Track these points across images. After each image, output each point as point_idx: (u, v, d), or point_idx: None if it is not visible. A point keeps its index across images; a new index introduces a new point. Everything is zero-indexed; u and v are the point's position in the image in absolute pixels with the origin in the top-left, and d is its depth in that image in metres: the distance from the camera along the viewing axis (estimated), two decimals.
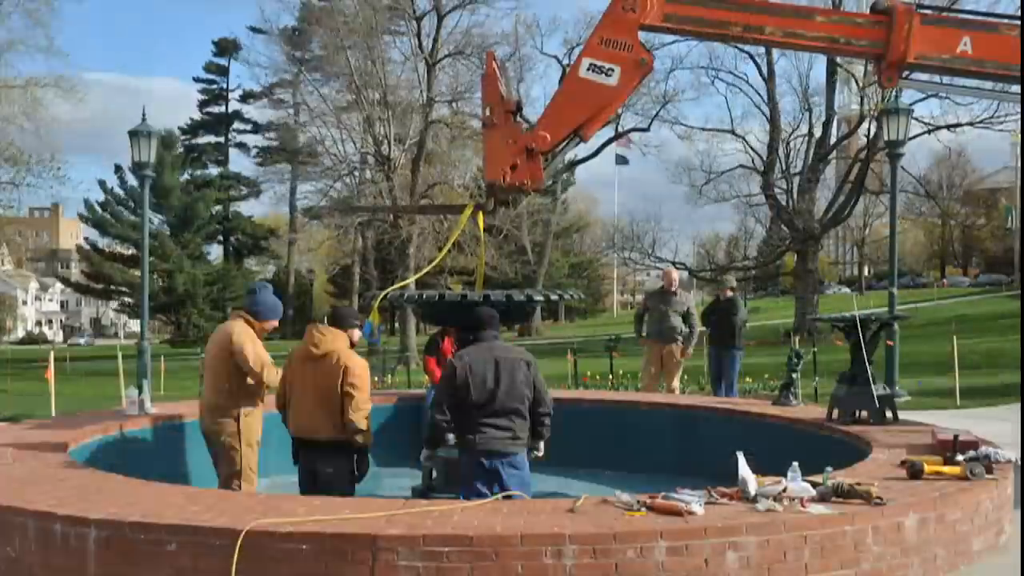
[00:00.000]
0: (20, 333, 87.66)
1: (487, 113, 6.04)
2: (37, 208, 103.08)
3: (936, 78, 6.46)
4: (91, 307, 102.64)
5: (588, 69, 5.89)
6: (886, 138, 11.83)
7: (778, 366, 12.63)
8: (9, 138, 28.83)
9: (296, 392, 5.88)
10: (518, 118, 6.17)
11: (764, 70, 37.81)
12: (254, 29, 53.79)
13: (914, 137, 32.00)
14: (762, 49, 37.67)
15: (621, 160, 61.83)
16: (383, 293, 6.78)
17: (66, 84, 29.31)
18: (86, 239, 66.15)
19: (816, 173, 38.22)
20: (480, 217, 6.36)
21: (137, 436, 7.75)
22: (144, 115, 11.70)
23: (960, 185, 70.76)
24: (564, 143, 6.13)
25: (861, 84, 35.31)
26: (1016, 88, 6.00)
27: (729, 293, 12.21)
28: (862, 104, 35.34)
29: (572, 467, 8.89)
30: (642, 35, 5.93)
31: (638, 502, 4.56)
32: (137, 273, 56.05)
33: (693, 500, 4.52)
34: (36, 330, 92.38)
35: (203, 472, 7.95)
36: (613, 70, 5.84)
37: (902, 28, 5.68)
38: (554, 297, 7.21)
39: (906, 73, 6.01)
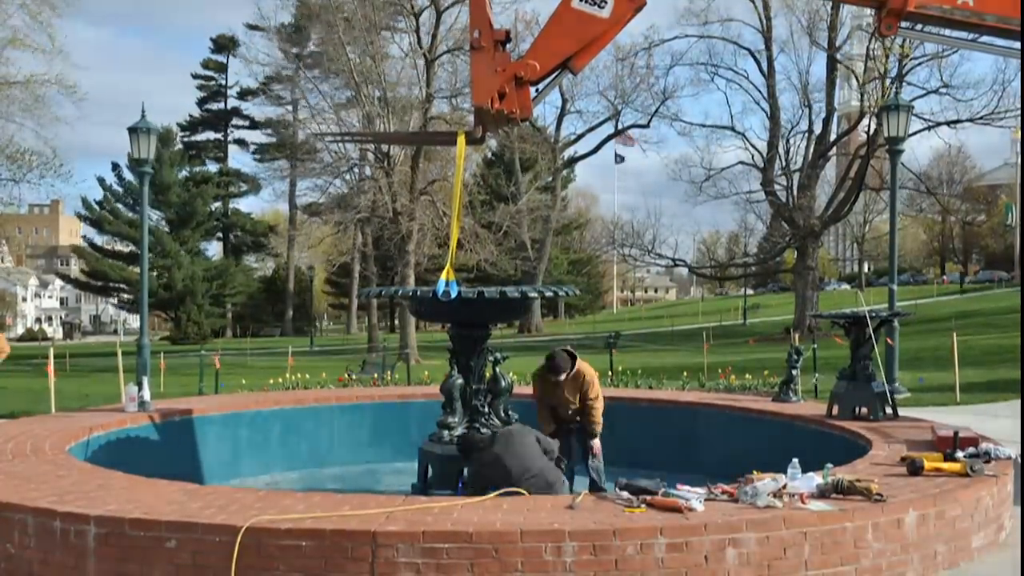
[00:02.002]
0: (20, 330, 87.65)
1: (475, 35, 5.91)
2: (37, 205, 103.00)
3: (936, 30, 6.32)
4: (91, 304, 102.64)
5: None
6: (886, 134, 11.80)
7: (778, 362, 12.61)
8: (9, 135, 28.80)
9: None
10: (506, 48, 6.07)
11: (764, 66, 37.79)
12: (251, 26, 53.78)
13: (914, 133, 32.03)
14: (762, 45, 37.72)
15: (618, 159, 61.68)
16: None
17: (67, 82, 29.22)
18: (84, 237, 66.16)
19: (816, 169, 38.21)
20: (462, 145, 6.24)
21: (137, 433, 7.75)
22: (143, 111, 11.65)
23: (960, 182, 70.74)
24: (554, 75, 6.03)
25: (861, 80, 35.28)
26: (1014, 44, 5.88)
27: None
28: (862, 100, 35.30)
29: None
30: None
31: (637, 498, 4.56)
32: (135, 270, 56.06)
33: (693, 497, 4.52)
34: (36, 327, 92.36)
35: (203, 468, 7.97)
36: (606, 1, 5.74)
37: None
38: (548, 293, 7.17)
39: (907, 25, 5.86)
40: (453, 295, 6.10)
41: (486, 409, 6.91)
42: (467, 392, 6.89)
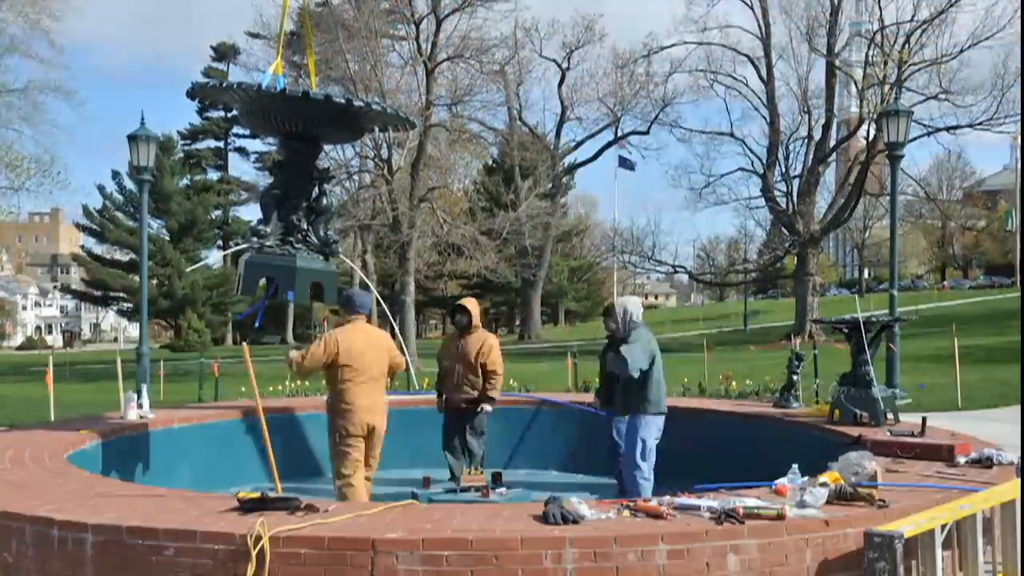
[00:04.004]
0: (20, 339, 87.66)
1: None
2: (37, 213, 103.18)
3: None
4: (91, 312, 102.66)
5: None
6: (886, 140, 11.78)
7: (779, 368, 12.61)
8: (8, 143, 28.85)
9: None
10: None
11: (763, 73, 37.87)
12: (252, 34, 53.85)
13: (914, 139, 32.06)
14: (761, 52, 37.80)
15: (627, 165, 60.82)
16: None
17: (67, 89, 29.30)
18: (82, 247, 66.26)
19: (816, 175, 38.27)
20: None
21: (136, 441, 7.72)
22: (143, 119, 11.65)
23: (960, 187, 70.86)
24: None
25: (860, 86, 35.35)
26: None
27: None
28: (861, 106, 35.38)
29: (573, 470, 8.88)
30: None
31: (623, 505, 4.54)
32: (136, 278, 56.10)
33: (703, 503, 4.51)
34: (36, 336, 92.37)
35: (201, 476, 7.94)
36: None
37: None
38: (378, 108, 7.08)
39: None
40: (279, 88, 6.17)
41: (305, 226, 6.86)
42: (286, 204, 6.77)
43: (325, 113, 6.49)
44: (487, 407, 7.77)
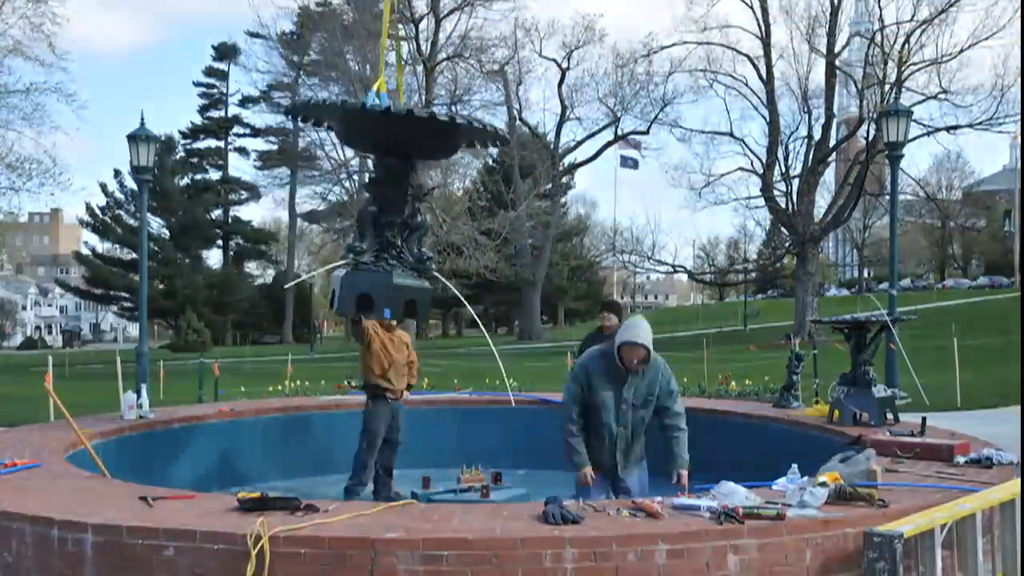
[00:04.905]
0: (20, 338, 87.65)
1: None
2: (37, 213, 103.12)
3: None
4: (91, 312, 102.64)
5: None
6: (885, 140, 11.78)
7: (778, 368, 12.61)
8: (9, 144, 28.83)
9: None
10: None
11: (763, 72, 37.86)
12: (252, 34, 53.89)
13: (913, 139, 32.08)
14: (761, 52, 37.80)
15: (630, 164, 60.29)
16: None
17: (68, 90, 29.28)
18: (85, 243, 66.35)
19: (815, 175, 38.26)
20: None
21: (136, 441, 7.73)
22: (143, 119, 11.66)
23: (959, 187, 70.87)
24: None
25: (860, 86, 35.35)
26: None
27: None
28: (861, 106, 35.38)
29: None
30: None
31: (622, 505, 4.55)
32: (136, 278, 56.13)
33: (703, 503, 4.51)
34: (36, 335, 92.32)
35: (201, 476, 7.94)
36: None
37: None
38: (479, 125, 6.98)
39: None
40: (384, 106, 6.11)
41: (399, 243, 6.88)
42: (381, 221, 6.79)
43: (426, 131, 6.42)
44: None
